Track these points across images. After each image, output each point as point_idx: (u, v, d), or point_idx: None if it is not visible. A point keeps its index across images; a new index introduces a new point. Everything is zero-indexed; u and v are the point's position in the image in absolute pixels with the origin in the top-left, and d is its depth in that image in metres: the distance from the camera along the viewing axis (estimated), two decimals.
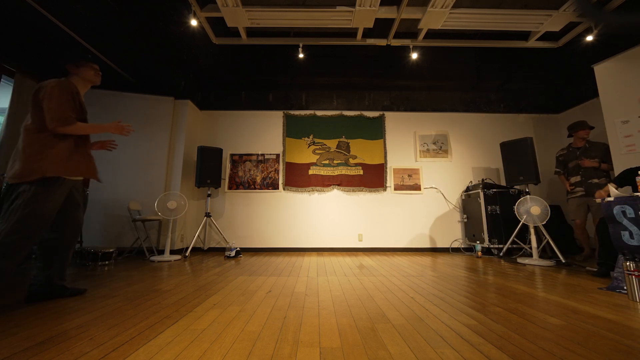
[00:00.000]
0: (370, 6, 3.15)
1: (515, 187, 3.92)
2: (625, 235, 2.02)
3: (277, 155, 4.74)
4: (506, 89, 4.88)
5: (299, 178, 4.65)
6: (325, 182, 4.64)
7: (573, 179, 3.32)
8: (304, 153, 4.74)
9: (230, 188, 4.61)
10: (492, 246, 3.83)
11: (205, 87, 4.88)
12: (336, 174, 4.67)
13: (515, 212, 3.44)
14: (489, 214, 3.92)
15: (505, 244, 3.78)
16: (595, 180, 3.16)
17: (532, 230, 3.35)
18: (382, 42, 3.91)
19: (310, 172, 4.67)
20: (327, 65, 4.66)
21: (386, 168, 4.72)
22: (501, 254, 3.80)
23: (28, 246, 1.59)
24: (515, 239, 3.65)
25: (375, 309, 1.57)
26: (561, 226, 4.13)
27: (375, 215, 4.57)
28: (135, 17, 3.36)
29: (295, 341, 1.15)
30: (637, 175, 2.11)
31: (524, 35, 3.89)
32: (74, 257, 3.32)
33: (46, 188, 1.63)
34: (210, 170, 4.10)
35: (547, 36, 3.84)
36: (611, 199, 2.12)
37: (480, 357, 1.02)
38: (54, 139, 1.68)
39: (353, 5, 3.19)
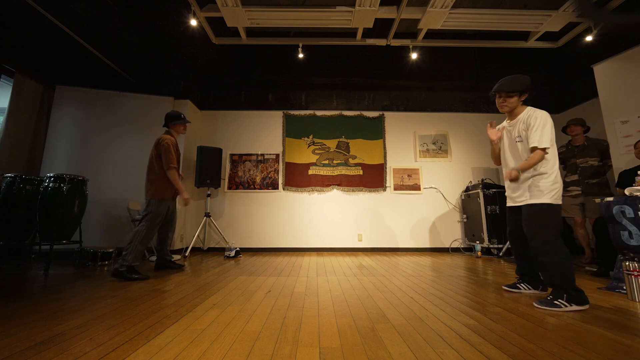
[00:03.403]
0: (370, 6, 3.15)
1: None
2: (624, 235, 2.02)
3: (277, 155, 4.73)
4: None
5: (298, 178, 4.65)
6: (325, 182, 4.64)
7: (570, 177, 3.31)
8: (304, 153, 4.74)
9: (229, 188, 4.61)
10: (491, 246, 3.83)
11: (205, 87, 4.88)
12: (336, 174, 4.67)
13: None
14: (489, 214, 3.92)
15: (505, 243, 3.78)
16: (594, 180, 3.14)
17: None
18: (381, 42, 3.92)
19: (310, 172, 4.67)
20: (327, 65, 4.66)
21: (386, 168, 4.72)
22: (501, 253, 3.80)
23: (153, 236, 2.59)
24: None
25: (374, 309, 1.57)
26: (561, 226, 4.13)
27: (375, 215, 4.57)
28: (135, 17, 3.36)
29: (294, 341, 1.15)
30: (637, 175, 2.11)
31: (524, 35, 3.90)
32: (74, 257, 3.33)
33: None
34: (209, 170, 4.10)
35: (547, 36, 3.85)
36: (611, 199, 2.13)
37: (480, 357, 1.02)
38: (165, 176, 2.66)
39: (353, 5, 3.19)
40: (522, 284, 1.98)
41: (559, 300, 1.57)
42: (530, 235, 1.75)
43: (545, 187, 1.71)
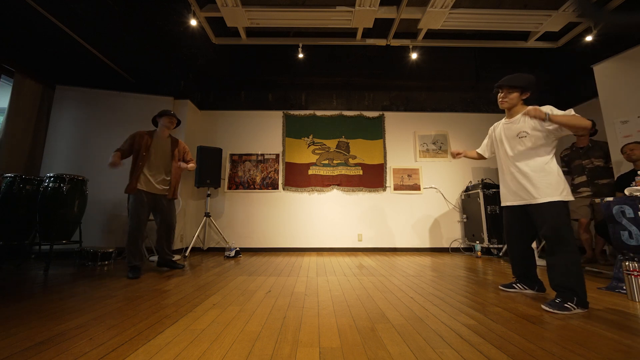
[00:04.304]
0: (370, 6, 3.15)
1: None
2: (624, 235, 2.02)
3: (277, 155, 4.73)
4: None
5: (298, 178, 4.65)
6: (324, 182, 4.64)
7: (578, 179, 3.30)
8: (304, 153, 4.74)
9: (229, 188, 4.61)
10: (491, 246, 3.83)
11: (205, 87, 4.88)
12: (336, 174, 4.67)
13: None
14: (489, 214, 3.92)
15: (505, 244, 3.78)
16: (604, 181, 3.13)
17: None
18: (381, 42, 3.92)
19: (310, 172, 4.67)
20: (327, 65, 4.66)
21: (386, 168, 4.72)
22: (501, 253, 3.80)
23: (138, 233, 2.57)
24: None
25: (374, 309, 1.57)
26: None
27: (375, 215, 4.57)
28: (134, 17, 3.36)
29: (294, 341, 1.15)
30: (637, 175, 2.11)
31: (524, 35, 3.90)
32: (74, 257, 3.33)
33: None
34: (209, 170, 4.10)
35: (547, 36, 3.85)
36: (611, 199, 2.13)
37: (480, 357, 1.02)
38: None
39: (353, 5, 3.19)
40: (518, 284, 1.98)
41: (569, 303, 1.54)
42: (548, 234, 1.68)
43: (556, 183, 1.68)
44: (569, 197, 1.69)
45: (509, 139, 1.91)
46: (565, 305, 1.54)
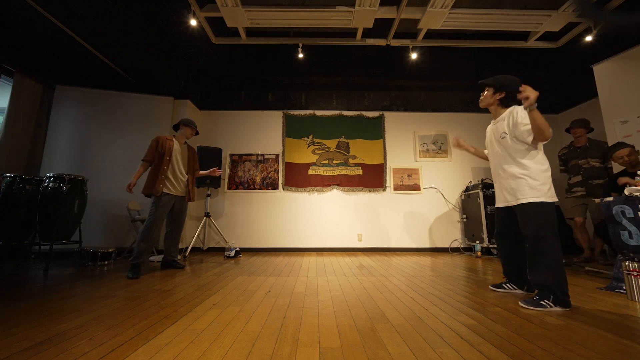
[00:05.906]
0: (370, 6, 3.15)
1: None
2: (624, 235, 2.02)
3: (277, 155, 4.73)
4: None
5: (298, 178, 4.65)
6: (324, 182, 4.64)
7: (574, 179, 3.30)
8: (304, 153, 4.74)
9: (229, 188, 4.61)
10: (491, 246, 3.83)
11: (205, 87, 4.88)
12: (336, 174, 4.67)
13: None
14: (489, 214, 3.92)
15: None
16: (598, 181, 3.13)
17: None
18: (381, 42, 3.92)
19: (310, 172, 4.67)
20: (327, 65, 4.67)
21: (386, 168, 4.72)
22: None
23: (153, 234, 2.60)
24: None
25: (374, 309, 1.57)
26: (560, 226, 4.13)
27: (375, 216, 4.57)
28: (134, 17, 3.36)
29: (294, 341, 1.15)
30: (637, 175, 2.11)
31: (524, 36, 3.90)
32: (74, 257, 3.34)
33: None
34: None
35: (547, 36, 3.85)
36: (610, 199, 2.13)
37: (480, 356, 1.02)
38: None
39: (353, 5, 3.19)
40: (508, 284, 1.99)
41: (545, 300, 1.57)
42: (528, 234, 1.72)
43: (539, 184, 1.70)
44: (552, 198, 1.69)
45: (494, 141, 1.95)
46: (541, 302, 1.57)
